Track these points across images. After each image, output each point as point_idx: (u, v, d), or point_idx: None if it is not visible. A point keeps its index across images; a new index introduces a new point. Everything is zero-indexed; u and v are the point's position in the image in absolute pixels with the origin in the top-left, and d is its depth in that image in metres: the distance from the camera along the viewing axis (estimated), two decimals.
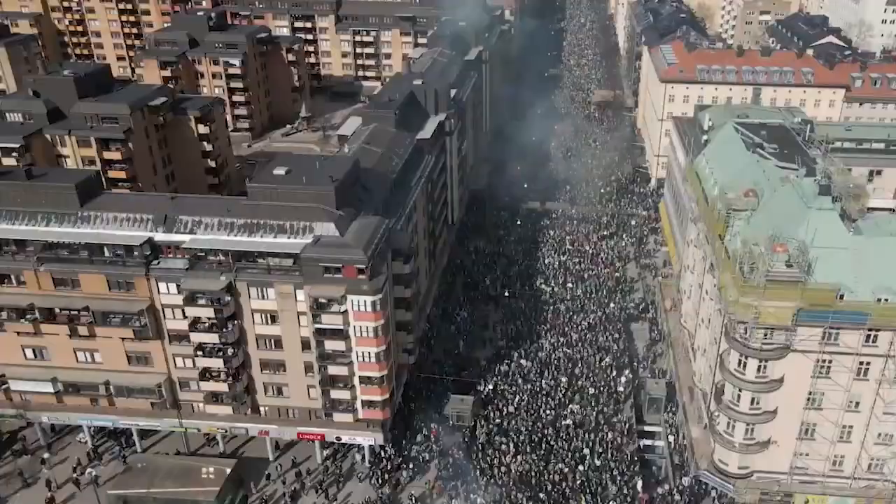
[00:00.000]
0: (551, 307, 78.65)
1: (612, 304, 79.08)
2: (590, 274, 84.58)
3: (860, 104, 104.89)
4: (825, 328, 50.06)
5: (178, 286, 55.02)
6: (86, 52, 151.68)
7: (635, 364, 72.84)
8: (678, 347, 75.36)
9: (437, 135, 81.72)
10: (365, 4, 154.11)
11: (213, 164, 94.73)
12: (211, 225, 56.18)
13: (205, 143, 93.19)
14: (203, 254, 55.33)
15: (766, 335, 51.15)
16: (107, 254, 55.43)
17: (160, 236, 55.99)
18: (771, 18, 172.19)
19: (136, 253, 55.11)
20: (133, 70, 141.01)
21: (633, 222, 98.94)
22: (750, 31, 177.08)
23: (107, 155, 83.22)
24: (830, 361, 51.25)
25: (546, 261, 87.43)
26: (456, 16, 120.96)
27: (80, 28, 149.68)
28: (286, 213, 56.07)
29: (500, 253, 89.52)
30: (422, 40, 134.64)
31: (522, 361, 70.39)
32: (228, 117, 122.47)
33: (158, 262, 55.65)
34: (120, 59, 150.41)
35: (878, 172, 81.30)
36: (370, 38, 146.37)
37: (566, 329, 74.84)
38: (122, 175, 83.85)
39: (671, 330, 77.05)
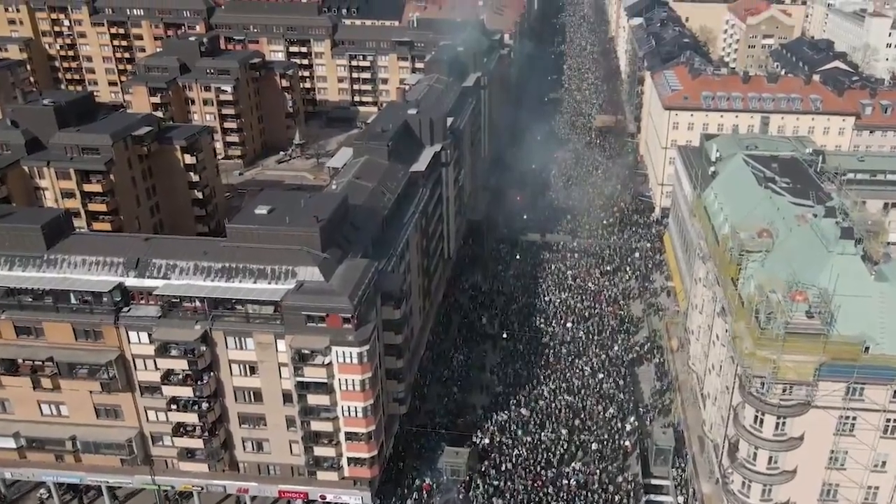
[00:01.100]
0: (552, 350, 74.39)
1: (615, 347, 74.83)
2: (592, 313, 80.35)
3: (870, 132, 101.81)
4: (849, 383, 46.27)
5: (149, 336, 51.13)
6: (77, 77, 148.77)
7: (641, 410, 68.65)
8: (686, 391, 71.41)
9: (432, 166, 78.20)
10: (361, 29, 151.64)
11: (199, 194, 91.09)
12: (186, 269, 52.42)
13: (191, 174, 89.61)
14: (177, 300, 51.44)
15: (784, 390, 47.29)
16: (73, 301, 51.58)
17: (131, 281, 52.20)
18: (774, 42, 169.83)
19: (105, 299, 51.25)
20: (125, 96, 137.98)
21: (636, 254, 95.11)
22: (753, 54, 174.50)
23: (87, 187, 79.68)
24: (855, 418, 47.62)
25: (546, 298, 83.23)
26: (454, 40, 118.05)
27: (71, 53, 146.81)
28: (267, 256, 52.34)
29: (499, 290, 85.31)
30: (419, 65, 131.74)
31: (522, 410, 66.04)
32: (220, 145, 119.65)
33: (129, 310, 51.78)
34: (112, 84, 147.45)
35: (894, 205, 77.77)
36: (367, 63, 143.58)
37: (568, 374, 70.58)
38: (103, 208, 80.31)
39: (678, 372, 73.09)
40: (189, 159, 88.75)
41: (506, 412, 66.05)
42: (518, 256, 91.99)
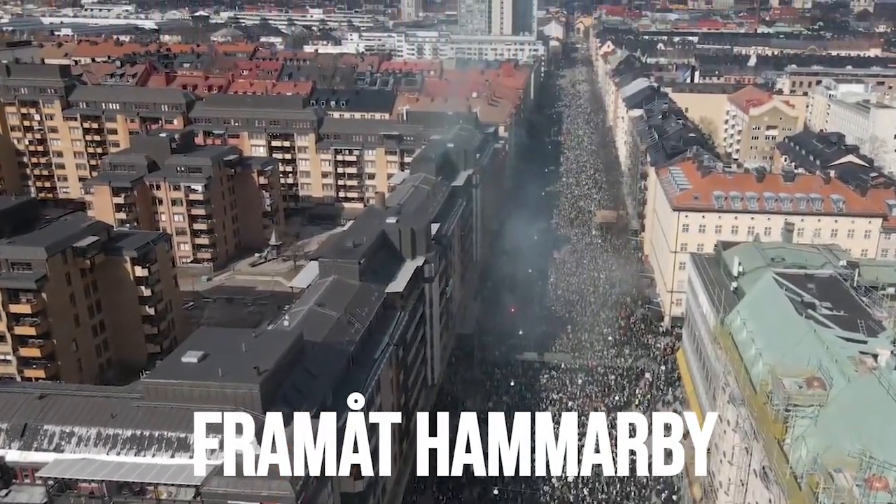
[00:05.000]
0: None
1: None
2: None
3: None
4: None
5: None
6: (46, 173, 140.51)
7: None
8: None
9: (413, 283, 68.00)
10: (348, 122, 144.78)
11: (152, 310, 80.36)
12: (86, 438, 41.29)
13: (142, 288, 79.23)
14: (72, 479, 40.06)
15: None
16: None
17: (14, 455, 41.03)
18: (778, 133, 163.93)
19: None
20: None
21: (647, 375, 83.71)
22: (756, 146, 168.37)
23: (14, 308, 69.29)
24: None
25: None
26: (445, 135, 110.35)
27: (41, 148, 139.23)
28: (192, 420, 41.17)
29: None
30: (408, 159, 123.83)
31: None
32: (188, 247, 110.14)
33: (7, 493, 40.30)
34: (83, 179, 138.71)
35: None
36: (353, 158, 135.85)
37: None
38: (32, 332, 69.71)
39: None
40: (140, 272, 78.48)
41: None
42: (512, 383, 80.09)
